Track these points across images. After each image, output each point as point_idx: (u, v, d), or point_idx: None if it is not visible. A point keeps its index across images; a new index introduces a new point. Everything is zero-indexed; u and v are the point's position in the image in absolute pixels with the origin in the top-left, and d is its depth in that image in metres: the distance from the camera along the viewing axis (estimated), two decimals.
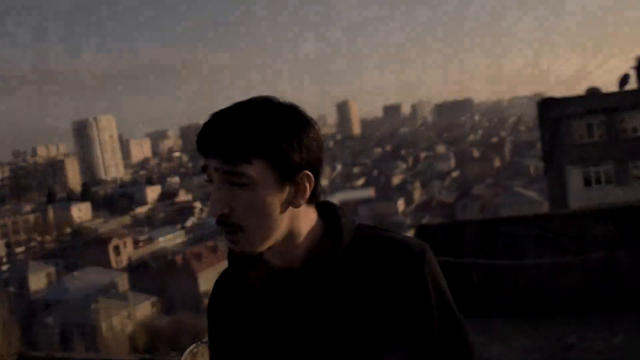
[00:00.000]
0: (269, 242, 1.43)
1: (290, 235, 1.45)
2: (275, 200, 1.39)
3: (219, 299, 1.63)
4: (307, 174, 1.42)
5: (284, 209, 1.41)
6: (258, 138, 1.36)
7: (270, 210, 1.39)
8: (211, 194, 1.40)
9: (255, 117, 1.37)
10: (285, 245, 1.45)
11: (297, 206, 1.42)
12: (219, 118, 1.39)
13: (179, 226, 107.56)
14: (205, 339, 5.49)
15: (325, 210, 1.54)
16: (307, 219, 1.47)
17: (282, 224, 1.42)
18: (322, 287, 1.44)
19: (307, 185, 1.42)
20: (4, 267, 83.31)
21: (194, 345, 5.15)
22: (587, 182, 31.65)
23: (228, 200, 1.38)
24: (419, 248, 1.46)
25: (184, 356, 4.91)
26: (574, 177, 31.54)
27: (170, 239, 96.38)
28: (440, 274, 1.49)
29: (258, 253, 1.44)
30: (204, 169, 1.41)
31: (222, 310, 1.61)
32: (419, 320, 1.44)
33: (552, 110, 31.56)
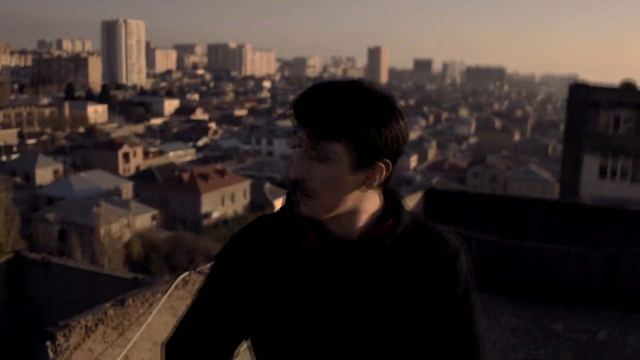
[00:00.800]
0: (333, 214, 1.53)
1: (354, 211, 1.55)
2: (350, 179, 1.50)
3: (256, 239, 1.65)
4: (385, 163, 1.52)
5: (355, 188, 1.52)
6: (350, 121, 1.45)
7: (343, 186, 1.50)
8: (295, 157, 1.52)
9: (351, 100, 1.46)
10: (347, 218, 1.55)
11: (368, 189, 1.54)
12: (318, 92, 1.48)
13: (190, 143, 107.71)
14: (199, 268, 5.45)
15: (387, 193, 1.64)
16: (372, 200, 1.58)
17: (350, 201, 1.53)
18: (371, 263, 1.55)
19: (383, 173, 1.53)
20: (13, 157, 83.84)
21: (186, 272, 5.21)
22: (603, 173, 31.40)
23: (308, 168, 1.49)
24: (455, 246, 1.60)
25: (176, 282, 4.97)
26: (591, 166, 31.28)
27: (180, 155, 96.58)
28: (470, 273, 1.62)
29: (318, 219, 1.54)
30: (294, 132, 1.51)
31: (256, 251, 1.63)
32: (441, 310, 1.57)
33: (582, 95, 31.14)
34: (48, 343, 3.69)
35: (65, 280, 5.48)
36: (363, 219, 1.56)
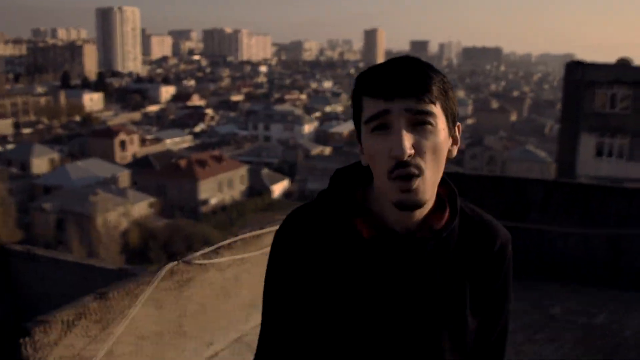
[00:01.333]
0: (433, 195, 1.49)
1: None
2: (446, 146, 1.47)
3: (306, 236, 1.54)
4: (459, 126, 1.53)
5: (446, 158, 1.49)
6: (438, 83, 1.43)
7: (443, 155, 1.46)
8: (394, 137, 1.40)
9: (427, 66, 1.45)
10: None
11: (452, 156, 1.51)
12: (401, 63, 1.44)
13: (187, 130, 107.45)
14: (186, 257, 5.29)
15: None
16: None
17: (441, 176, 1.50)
18: (432, 256, 1.51)
19: (459, 137, 1.52)
20: (9, 147, 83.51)
21: (173, 262, 5.07)
22: (599, 152, 31.36)
23: (414, 142, 1.41)
24: (506, 238, 1.60)
25: (162, 272, 4.82)
26: (587, 145, 31.23)
27: (177, 142, 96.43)
28: (512, 266, 1.64)
29: (424, 204, 1.46)
30: (380, 114, 1.42)
31: (311, 249, 1.53)
32: (488, 295, 1.59)
33: (578, 74, 30.97)
34: (24, 339, 3.54)
35: (50, 272, 5.35)
36: (429, 206, 1.50)
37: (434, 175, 1.44)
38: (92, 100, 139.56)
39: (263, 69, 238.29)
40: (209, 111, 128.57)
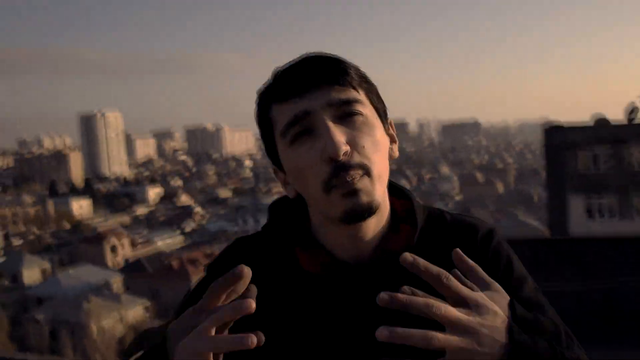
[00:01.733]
0: (385, 199, 1.27)
1: (381, 209, 1.26)
2: (384, 141, 1.26)
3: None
4: (392, 122, 1.33)
5: (387, 153, 1.27)
6: (355, 69, 1.26)
7: (385, 151, 1.26)
8: (322, 134, 1.18)
9: (337, 57, 1.27)
10: (375, 220, 1.26)
11: (394, 156, 1.31)
12: (312, 56, 1.25)
13: (177, 230, 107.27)
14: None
15: (392, 190, 1.35)
16: (387, 195, 1.30)
17: (387, 175, 1.26)
18: (394, 285, 1.14)
19: (394, 134, 1.32)
20: (0, 260, 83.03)
21: (139, 353, 4.97)
22: (590, 213, 31.34)
23: (347, 137, 1.19)
24: (487, 227, 1.34)
25: None
26: (577, 207, 31.26)
27: (168, 243, 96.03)
28: (511, 252, 1.34)
29: (376, 208, 1.21)
30: (299, 118, 1.20)
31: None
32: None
33: (558, 138, 31.40)
34: None
35: None
36: (382, 223, 1.28)
37: (379, 170, 1.21)
38: (81, 207, 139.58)
39: (248, 162, 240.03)
40: (198, 209, 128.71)
